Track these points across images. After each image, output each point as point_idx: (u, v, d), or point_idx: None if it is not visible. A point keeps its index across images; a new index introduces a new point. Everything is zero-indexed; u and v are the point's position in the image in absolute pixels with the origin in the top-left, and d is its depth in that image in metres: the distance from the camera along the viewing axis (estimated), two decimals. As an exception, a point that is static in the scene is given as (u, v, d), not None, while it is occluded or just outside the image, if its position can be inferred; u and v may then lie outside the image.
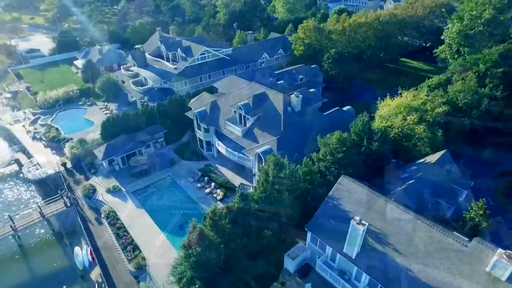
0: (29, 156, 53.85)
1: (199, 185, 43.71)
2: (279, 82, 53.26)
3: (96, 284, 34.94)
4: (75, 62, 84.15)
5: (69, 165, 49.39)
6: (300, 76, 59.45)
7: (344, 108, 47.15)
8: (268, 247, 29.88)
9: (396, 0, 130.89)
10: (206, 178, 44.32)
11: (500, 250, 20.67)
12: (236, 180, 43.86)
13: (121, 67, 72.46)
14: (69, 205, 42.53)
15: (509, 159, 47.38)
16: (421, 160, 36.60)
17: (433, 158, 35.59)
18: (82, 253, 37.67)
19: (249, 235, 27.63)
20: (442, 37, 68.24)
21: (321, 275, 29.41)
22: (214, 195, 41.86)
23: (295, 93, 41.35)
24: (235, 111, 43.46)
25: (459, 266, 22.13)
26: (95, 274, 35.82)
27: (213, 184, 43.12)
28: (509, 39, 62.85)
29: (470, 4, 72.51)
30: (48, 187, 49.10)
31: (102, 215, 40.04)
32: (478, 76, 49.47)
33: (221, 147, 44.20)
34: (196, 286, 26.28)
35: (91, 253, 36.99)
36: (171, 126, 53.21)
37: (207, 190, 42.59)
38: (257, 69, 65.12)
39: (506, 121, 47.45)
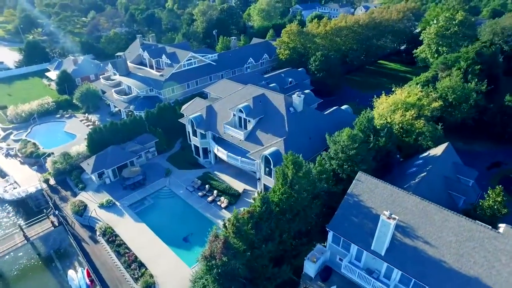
0: (3, 175, 48.94)
1: (200, 193, 41.47)
2: (271, 85, 52.63)
3: (97, 309, 31.62)
4: (48, 74, 78.97)
5: (52, 181, 45.31)
6: (290, 79, 59.37)
7: (342, 107, 47.17)
8: (290, 252, 28.44)
9: (366, 7, 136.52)
10: (207, 186, 42.20)
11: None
12: (239, 186, 42.12)
13: (100, 76, 68.87)
14: (57, 224, 38.70)
15: (499, 151, 49.50)
16: (425, 154, 36.93)
17: (437, 151, 35.99)
18: (77, 276, 34.04)
19: (273, 240, 26.05)
20: (421, 38, 71.27)
21: (344, 276, 28.30)
22: (218, 203, 39.88)
23: (297, 93, 40.70)
24: (234, 114, 41.95)
25: (495, 253, 21.93)
26: (95, 298, 32.48)
27: (215, 191, 41.09)
28: (476, 40, 66.97)
29: (436, 9, 76.98)
30: (29, 207, 44.71)
31: (98, 233, 36.70)
32: (461, 73, 51.62)
33: (221, 152, 42.34)
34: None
35: (88, 275, 33.58)
36: (161, 135, 50.70)
37: (210, 198, 40.49)
38: (244, 73, 64.16)
39: (492, 114, 49.67)
